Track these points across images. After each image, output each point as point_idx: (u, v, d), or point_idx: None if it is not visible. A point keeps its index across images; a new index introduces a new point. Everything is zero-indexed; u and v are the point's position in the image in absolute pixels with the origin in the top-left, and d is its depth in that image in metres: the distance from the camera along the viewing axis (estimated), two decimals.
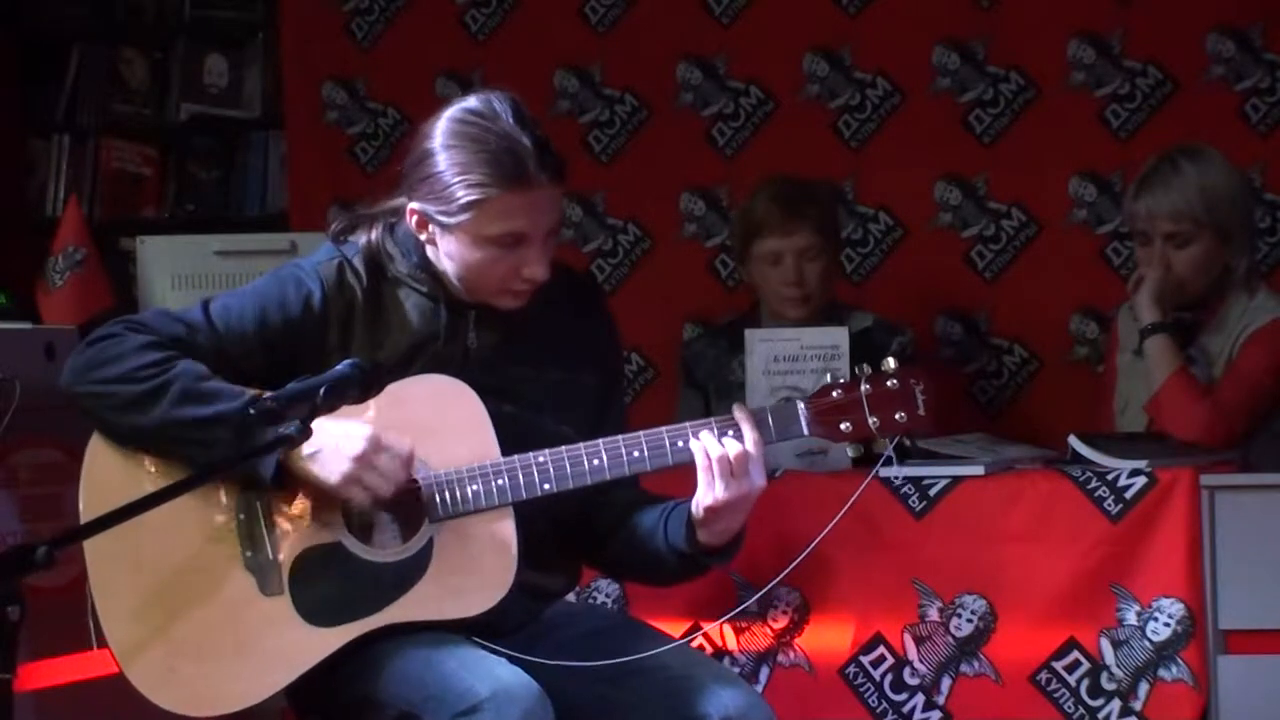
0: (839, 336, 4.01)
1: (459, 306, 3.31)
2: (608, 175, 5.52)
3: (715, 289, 5.37)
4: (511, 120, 3.21)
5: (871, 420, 3.25)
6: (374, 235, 3.32)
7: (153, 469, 3.22)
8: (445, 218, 3.22)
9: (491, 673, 3.09)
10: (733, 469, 3.19)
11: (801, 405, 3.26)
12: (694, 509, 3.22)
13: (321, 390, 3.01)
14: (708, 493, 3.19)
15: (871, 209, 5.33)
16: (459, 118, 3.24)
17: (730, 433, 3.22)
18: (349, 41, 5.70)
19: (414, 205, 3.26)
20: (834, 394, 3.26)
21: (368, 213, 3.36)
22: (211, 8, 6.25)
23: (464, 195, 3.19)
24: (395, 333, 3.29)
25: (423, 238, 3.28)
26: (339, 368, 3.06)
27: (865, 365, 3.28)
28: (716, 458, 3.19)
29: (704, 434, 3.22)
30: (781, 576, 3.44)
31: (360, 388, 3.06)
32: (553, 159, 3.22)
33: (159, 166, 6.27)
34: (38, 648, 3.84)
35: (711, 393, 4.70)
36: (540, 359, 3.33)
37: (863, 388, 3.25)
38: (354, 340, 3.28)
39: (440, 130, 3.24)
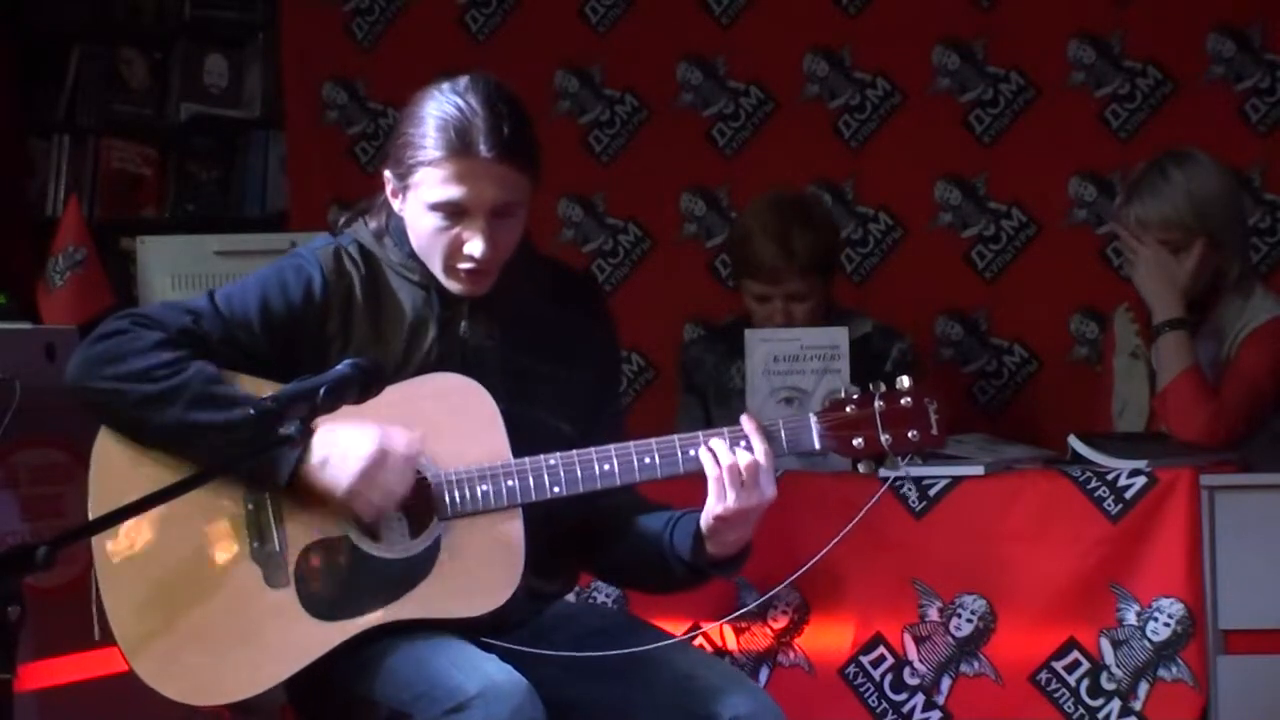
0: (839, 336, 4.01)
1: (451, 295, 3.31)
2: (608, 175, 5.52)
3: (715, 289, 5.36)
4: (478, 95, 3.23)
5: (884, 437, 3.23)
6: (372, 225, 3.35)
7: (160, 465, 3.21)
8: (399, 180, 3.26)
9: (481, 670, 3.09)
10: (743, 479, 3.17)
11: (814, 418, 3.25)
12: (703, 519, 3.21)
13: (321, 390, 3.00)
14: (718, 503, 3.18)
15: (871, 209, 5.33)
16: (434, 88, 3.27)
17: (742, 443, 3.20)
18: (349, 41, 5.70)
19: (385, 171, 3.30)
20: (847, 409, 3.24)
21: (368, 204, 3.38)
22: (211, 8, 6.25)
23: (411, 157, 3.23)
24: (393, 320, 3.30)
25: (396, 206, 3.30)
26: (339, 368, 3.05)
27: (880, 382, 3.26)
28: (727, 467, 3.17)
29: (715, 442, 3.20)
30: (786, 582, 3.45)
31: (360, 387, 3.05)
32: (507, 137, 3.20)
33: (159, 166, 6.26)
34: (40, 647, 3.84)
35: (711, 399, 4.67)
36: (536, 352, 3.33)
37: (876, 404, 3.23)
38: (354, 327, 3.28)
39: (414, 100, 3.28)
